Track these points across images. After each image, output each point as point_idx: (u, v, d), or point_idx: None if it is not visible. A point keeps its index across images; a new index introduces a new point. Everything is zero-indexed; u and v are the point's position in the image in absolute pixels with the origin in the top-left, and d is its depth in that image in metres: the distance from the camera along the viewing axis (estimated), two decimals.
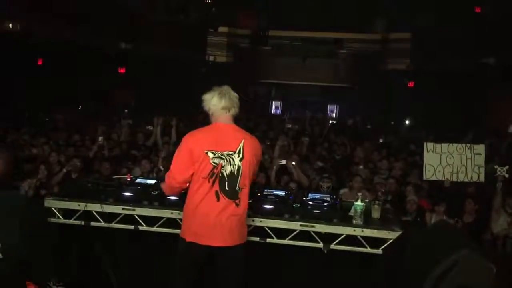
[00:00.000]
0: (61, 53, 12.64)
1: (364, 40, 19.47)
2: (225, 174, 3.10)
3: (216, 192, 3.10)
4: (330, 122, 16.56)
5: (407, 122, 16.02)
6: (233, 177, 3.12)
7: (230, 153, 3.11)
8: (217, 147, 3.10)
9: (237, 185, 3.13)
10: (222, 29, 19.56)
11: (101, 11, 13.88)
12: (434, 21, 16.45)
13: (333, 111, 20.00)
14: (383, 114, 16.65)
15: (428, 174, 5.77)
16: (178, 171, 3.15)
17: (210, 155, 3.08)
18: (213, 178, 3.10)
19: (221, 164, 3.09)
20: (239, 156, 3.13)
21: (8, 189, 3.14)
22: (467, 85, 13.91)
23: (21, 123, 10.12)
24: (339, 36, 19.38)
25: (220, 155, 3.10)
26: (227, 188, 3.11)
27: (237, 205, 3.14)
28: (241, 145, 3.13)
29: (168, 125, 9.21)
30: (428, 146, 5.83)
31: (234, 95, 3.23)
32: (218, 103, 3.16)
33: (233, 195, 3.13)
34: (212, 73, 17.73)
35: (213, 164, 3.09)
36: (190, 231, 3.16)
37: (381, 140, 10.84)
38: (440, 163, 5.73)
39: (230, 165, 3.10)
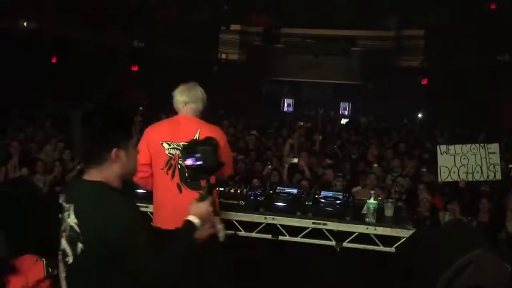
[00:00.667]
0: (75, 52, 12.76)
1: (377, 38, 19.33)
2: (183, 164, 3.06)
3: (178, 185, 3.12)
4: (343, 120, 16.55)
5: (420, 120, 15.89)
6: None
7: (186, 144, 3.09)
8: (172, 138, 3.13)
9: None
10: (234, 27, 19.56)
11: (115, 10, 13.97)
12: (448, 18, 16.28)
13: (345, 108, 19.93)
14: (396, 112, 16.54)
15: (443, 176, 5.71)
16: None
17: (165, 146, 3.12)
18: (172, 169, 3.12)
19: (177, 155, 3.11)
20: None
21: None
22: (482, 83, 13.75)
23: (35, 120, 10.24)
24: (351, 34, 19.29)
25: (175, 146, 3.12)
26: (188, 180, 3.10)
27: None
28: (196, 135, 3.14)
29: None
30: (441, 148, 5.76)
31: (197, 90, 3.25)
32: (178, 97, 3.22)
33: (195, 185, 3.08)
34: (224, 71, 17.76)
35: (169, 155, 3.12)
36: (157, 225, 3.16)
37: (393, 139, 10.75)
38: (455, 164, 5.67)
39: None
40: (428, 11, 16.96)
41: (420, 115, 16.13)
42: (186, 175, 3.06)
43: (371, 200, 3.72)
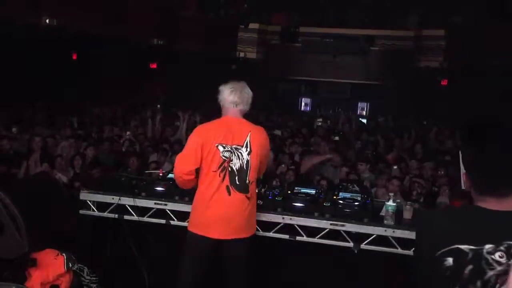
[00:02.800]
0: (95, 48, 12.91)
1: (396, 37, 19.11)
2: (234, 168, 3.15)
3: (227, 187, 3.15)
4: (361, 120, 16.45)
5: (439, 121, 15.69)
6: (242, 171, 3.17)
7: (238, 147, 3.16)
8: (226, 140, 3.14)
9: (247, 178, 3.18)
10: (252, 25, 19.55)
11: (134, 7, 14.09)
12: (470, 17, 16.03)
13: (363, 109, 19.78)
14: (415, 113, 16.36)
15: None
16: (187, 160, 3.19)
17: (221, 148, 3.13)
18: (224, 172, 3.14)
19: (230, 158, 3.14)
20: (246, 150, 3.17)
21: None
22: (504, 84, 13.51)
23: (56, 116, 10.39)
24: (370, 33, 19.12)
25: (229, 149, 3.14)
26: (237, 182, 3.16)
27: (248, 198, 3.21)
28: (247, 138, 3.17)
29: (194, 121, 9.33)
30: None
31: (247, 91, 3.27)
32: (228, 96, 3.21)
33: (244, 188, 3.18)
34: (242, 69, 17.77)
35: (223, 157, 3.13)
36: (201, 225, 3.22)
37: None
38: None
39: (239, 159, 3.15)
40: (449, 10, 16.72)
41: (439, 118, 15.91)
42: (236, 178, 3.15)
43: (390, 202, 3.69)
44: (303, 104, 20.66)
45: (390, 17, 19.00)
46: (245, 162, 3.16)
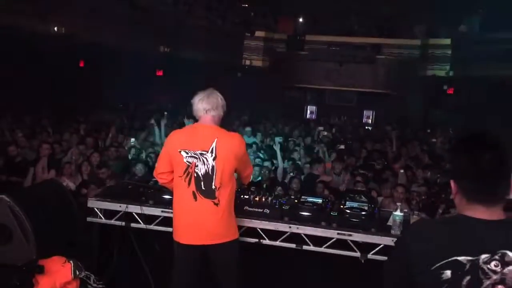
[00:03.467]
0: (102, 56, 13.00)
1: (403, 46, 19.16)
2: (200, 173, 3.17)
3: (193, 192, 3.18)
4: (366, 127, 16.42)
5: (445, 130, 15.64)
6: (208, 176, 3.17)
7: (203, 152, 3.16)
8: (190, 146, 3.18)
9: (213, 184, 3.17)
10: (259, 33, 19.64)
11: (141, 15, 14.19)
12: (476, 27, 16.04)
13: (369, 117, 19.76)
14: (421, 121, 16.33)
15: None
16: (159, 163, 3.37)
17: (183, 154, 3.17)
18: (188, 177, 3.18)
19: (195, 163, 3.16)
20: (212, 155, 3.16)
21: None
22: (510, 93, 13.47)
23: (63, 123, 10.44)
24: (377, 42, 19.16)
25: (193, 154, 3.17)
26: (203, 188, 3.17)
27: (216, 204, 3.19)
28: (213, 144, 3.16)
29: None
30: None
31: (216, 96, 3.29)
32: (197, 105, 3.27)
33: (210, 194, 3.18)
34: (248, 77, 17.83)
35: (187, 163, 3.17)
36: (175, 231, 3.30)
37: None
38: None
39: (204, 164, 3.16)
40: (456, 20, 16.74)
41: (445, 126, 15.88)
42: (202, 183, 3.16)
43: (398, 212, 3.68)
44: (308, 112, 20.66)
45: (396, 26, 19.04)
46: (211, 167, 3.16)
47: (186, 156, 3.17)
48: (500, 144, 1.65)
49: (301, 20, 20.40)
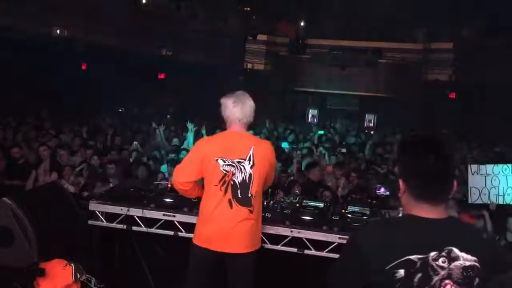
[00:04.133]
0: (103, 58, 13.03)
1: (405, 50, 19.16)
2: (237, 182, 3.14)
3: (229, 200, 3.14)
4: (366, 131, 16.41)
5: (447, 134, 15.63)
6: (245, 184, 3.15)
7: (241, 160, 3.14)
8: (227, 154, 3.14)
9: (249, 192, 3.16)
10: (261, 37, 19.64)
11: (143, 19, 14.23)
12: (478, 31, 16.03)
13: (370, 121, 19.75)
14: (423, 126, 16.30)
15: (473, 197, 5.47)
16: (184, 171, 3.24)
17: (220, 162, 3.13)
18: (225, 186, 3.14)
19: (232, 171, 3.13)
20: (249, 163, 3.16)
21: None
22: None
23: (65, 125, 10.45)
24: (379, 46, 19.16)
25: (230, 163, 3.14)
26: (239, 196, 3.15)
27: (250, 212, 3.18)
28: (251, 152, 3.16)
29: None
30: (473, 168, 5.54)
31: (249, 104, 3.27)
32: (231, 110, 3.21)
33: (246, 202, 3.16)
34: (250, 80, 17.84)
35: (224, 171, 3.13)
36: (203, 237, 3.23)
37: None
38: (485, 185, 5.45)
39: (242, 172, 3.14)
40: (458, 23, 16.73)
41: (447, 131, 15.86)
42: (238, 191, 3.14)
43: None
44: (310, 115, 20.63)
45: (398, 30, 19.04)
46: (248, 175, 3.16)
47: (223, 165, 3.13)
48: (445, 147, 1.74)
49: (303, 24, 20.41)
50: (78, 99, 12.81)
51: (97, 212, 4.05)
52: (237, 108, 3.20)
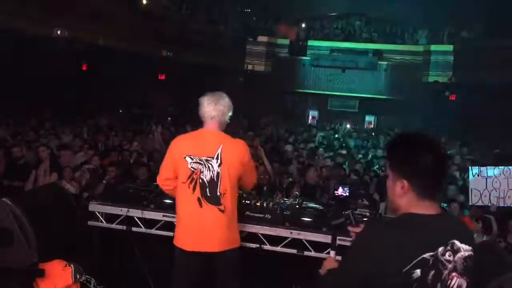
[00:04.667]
0: (105, 59, 13.05)
1: (405, 52, 19.18)
2: (205, 180, 3.13)
3: (198, 199, 3.13)
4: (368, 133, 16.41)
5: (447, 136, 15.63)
6: (213, 183, 3.13)
7: (209, 158, 3.12)
8: (196, 152, 3.13)
9: (218, 190, 3.13)
10: (261, 38, 19.69)
11: (143, 20, 14.25)
12: (479, 33, 16.05)
13: (371, 122, 19.77)
14: (423, 128, 16.30)
15: (474, 199, 5.46)
16: (162, 170, 3.30)
17: (188, 159, 3.13)
18: (193, 183, 3.13)
19: (200, 169, 3.12)
20: (217, 161, 3.12)
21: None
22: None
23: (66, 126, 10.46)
24: (379, 47, 19.18)
25: (198, 160, 3.13)
26: (208, 194, 3.13)
27: (221, 210, 3.14)
28: (219, 150, 3.12)
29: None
30: (473, 170, 5.54)
31: (223, 103, 3.22)
32: (204, 108, 3.20)
33: (215, 201, 3.13)
34: (250, 82, 17.85)
35: (191, 169, 3.12)
36: (177, 237, 3.23)
37: None
38: (486, 187, 5.44)
39: (210, 171, 3.12)
40: (459, 26, 16.76)
41: (447, 133, 15.86)
42: (207, 190, 3.12)
43: None
44: (310, 117, 20.67)
45: (399, 32, 19.06)
46: (216, 174, 3.12)
47: (191, 162, 3.13)
48: (441, 145, 1.84)
49: (303, 25, 20.44)
50: (78, 99, 12.81)
51: (97, 213, 4.05)
52: (211, 106, 3.18)
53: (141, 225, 3.99)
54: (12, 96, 10.76)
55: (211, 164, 3.12)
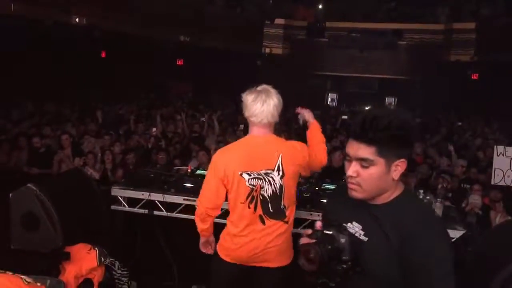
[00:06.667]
0: (124, 46, 13.12)
1: (425, 31, 18.78)
2: (266, 195, 2.73)
3: (260, 216, 2.75)
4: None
5: (470, 116, 15.36)
6: (275, 197, 2.74)
7: (268, 171, 2.70)
8: (251, 166, 2.69)
9: (282, 203, 2.76)
10: (278, 21, 19.50)
11: (160, 4, 14.23)
12: (501, 9, 15.61)
13: (391, 104, 19.53)
14: (445, 108, 16.05)
15: (497, 179, 5.36)
16: (206, 197, 2.79)
17: (245, 176, 2.69)
18: (254, 202, 2.73)
19: (260, 185, 2.71)
20: (278, 173, 2.71)
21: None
22: None
23: (85, 112, 10.60)
24: (399, 27, 18.82)
25: (256, 175, 2.70)
26: (271, 210, 2.75)
27: (285, 222, 2.81)
28: (279, 160, 2.70)
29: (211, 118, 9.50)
30: (499, 149, 5.44)
31: (271, 102, 2.72)
32: (251, 111, 2.71)
33: (279, 215, 2.77)
34: (268, 65, 17.76)
35: (250, 186, 2.71)
36: (232, 253, 2.83)
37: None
38: (510, 167, 5.34)
39: (271, 185, 2.72)
40: (480, 2, 16.32)
41: (470, 113, 15.57)
42: (269, 205, 2.75)
43: None
44: (329, 99, 20.52)
45: (419, 10, 18.67)
46: (278, 187, 2.72)
47: (249, 179, 2.69)
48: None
49: (320, 6, 20.18)
50: (97, 86, 12.94)
51: (119, 197, 4.13)
52: (257, 107, 2.69)
53: (163, 208, 4.05)
54: (30, 84, 10.92)
55: (271, 177, 2.71)
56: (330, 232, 1.59)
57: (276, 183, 2.72)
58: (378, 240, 1.67)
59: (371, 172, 1.66)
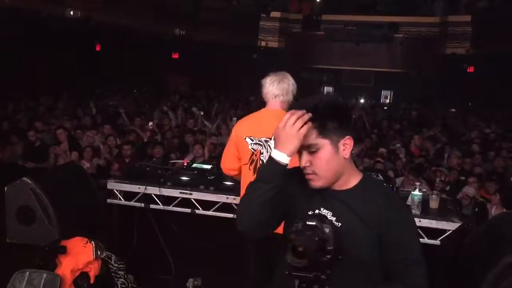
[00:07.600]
0: (118, 39, 13.05)
1: (421, 24, 18.76)
2: (264, 161, 2.94)
3: None
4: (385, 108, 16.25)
5: (466, 108, 15.40)
6: None
7: (267, 139, 3.03)
8: (255, 133, 3.07)
9: None
10: (274, 14, 19.43)
11: None
12: (497, 2, 15.61)
13: (387, 97, 19.54)
14: (441, 101, 16.08)
15: None
16: (225, 157, 3.23)
17: (248, 140, 3.07)
18: (253, 165, 3.06)
19: (260, 150, 3.05)
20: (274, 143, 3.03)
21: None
22: None
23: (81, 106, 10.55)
24: (394, 20, 18.78)
25: (257, 141, 3.06)
26: None
27: None
28: None
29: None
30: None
31: (287, 82, 3.15)
32: (267, 88, 3.12)
33: None
34: (264, 58, 17.71)
35: (252, 150, 3.06)
36: None
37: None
38: None
39: (268, 152, 3.01)
40: None
41: (465, 105, 15.62)
42: None
43: (416, 192, 3.65)
44: (325, 93, 20.47)
45: (414, 3, 18.63)
46: None
47: (251, 143, 3.07)
48: None
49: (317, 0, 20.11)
50: (91, 79, 12.88)
51: (115, 191, 4.11)
52: (274, 85, 3.10)
53: (159, 202, 4.04)
54: (25, 77, 10.85)
55: (269, 145, 3.02)
56: (314, 223, 1.54)
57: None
58: (352, 225, 1.65)
59: (320, 156, 1.67)
